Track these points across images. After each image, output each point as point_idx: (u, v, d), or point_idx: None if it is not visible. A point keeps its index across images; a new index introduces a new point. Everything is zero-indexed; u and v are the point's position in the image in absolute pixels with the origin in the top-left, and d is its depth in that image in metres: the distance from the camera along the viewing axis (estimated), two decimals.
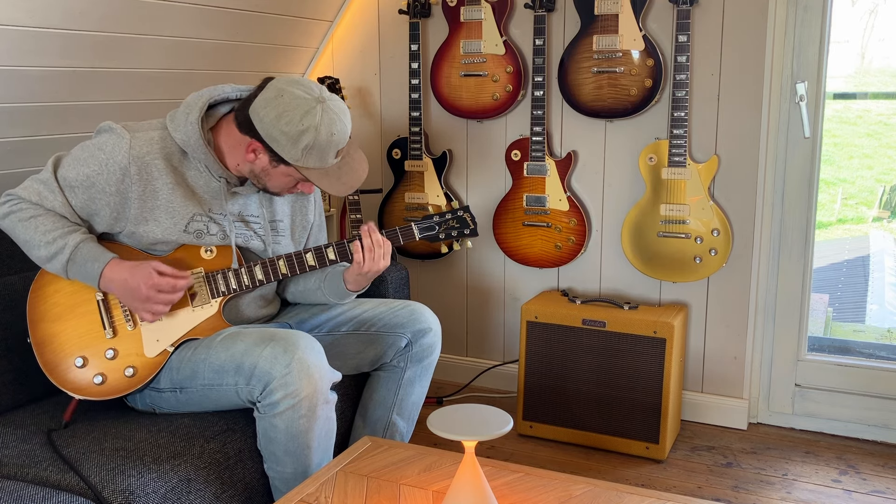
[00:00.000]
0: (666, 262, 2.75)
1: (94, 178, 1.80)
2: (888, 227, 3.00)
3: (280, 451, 1.81)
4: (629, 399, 2.61)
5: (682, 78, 2.60)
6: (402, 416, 2.16)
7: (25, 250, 1.85)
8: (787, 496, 2.39)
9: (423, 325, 2.12)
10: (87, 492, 1.58)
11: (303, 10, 2.94)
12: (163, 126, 1.87)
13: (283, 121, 1.75)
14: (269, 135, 1.77)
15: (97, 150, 1.81)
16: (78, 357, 1.86)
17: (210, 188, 1.89)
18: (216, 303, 1.91)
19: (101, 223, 1.87)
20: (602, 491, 1.61)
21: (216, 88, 1.89)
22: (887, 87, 2.77)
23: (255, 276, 1.93)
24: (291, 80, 1.80)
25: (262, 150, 1.82)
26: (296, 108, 1.75)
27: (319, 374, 1.78)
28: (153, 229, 1.85)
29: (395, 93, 3.18)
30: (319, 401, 1.79)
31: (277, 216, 2.04)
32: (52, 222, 1.82)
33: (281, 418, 1.77)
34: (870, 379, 2.71)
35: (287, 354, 1.75)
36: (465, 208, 2.07)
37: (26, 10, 2.00)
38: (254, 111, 1.78)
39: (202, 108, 1.83)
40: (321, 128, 1.76)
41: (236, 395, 1.82)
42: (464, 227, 2.07)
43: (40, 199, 1.82)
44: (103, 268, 1.81)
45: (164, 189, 1.84)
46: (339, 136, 1.80)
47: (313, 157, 1.80)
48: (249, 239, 1.96)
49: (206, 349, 1.86)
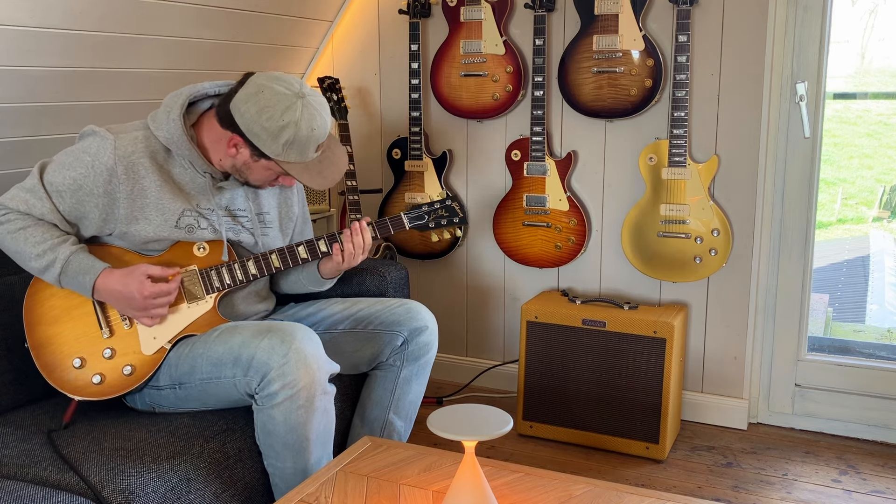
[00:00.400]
0: (666, 262, 2.75)
1: (82, 181, 1.81)
2: (888, 227, 3.00)
3: (279, 444, 1.81)
4: (629, 399, 2.61)
5: (682, 78, 2.60)
6: (400, 415, 2.16)
7: (18, 262, 1.87)
8: (787, 496, 2.39)
9: (419, 324, 2.12)
10: (86, 492, 1.58)
11: (303, 10, 2.94)
12: (145, 126, 1.89)
13: (263, 116, 1.77)
14: (249, 130, 1.80)
15: (82, 154, 1.82)
16: (76, 358, 1.87)
17: (196, 184, 1.91)
18: (211, 298, 1.92)
19: (90, 227, 1.88)
20: (602, 491, 1.61)
21: (195, 86, 1.91)
22: (887, 87, 2.77)
23: (248, 271, 1.95)
24: (271, 75, 1.82)
25: (243, 145, 1.84)
26: (276, 103, 1.77)
27: (317, 364, 1.79)
28: (144, 227, 1.86)
29: (395, 93, 3.18)
30: (317, 391, 1.79)
31: (264, 209, 2.06)
32: (41, 233, 1.83)
33: (279, 409, 1.77)
34: (870, 379, 2.71)
35: (284, 345, 1.76)
36: (452, 197, 2.11)
37: (26, 9, 2.00)
38: (234, 106, 1.80)
39: (182, 104, 1.85)
40: (301, 123, 1.79)
41: (234, 387, 1.83)
42: (453, 215, 2.10)
43: (28, 207, 1.83)
44: (95, 280, 1.82)
45: (152, 187, 1.85)
46: (320, 131, 1.82)
47: (294, 152, 1.82)
48: (239, 232, 1.99)
49: (203, 344, 1.87)
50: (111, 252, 1.91)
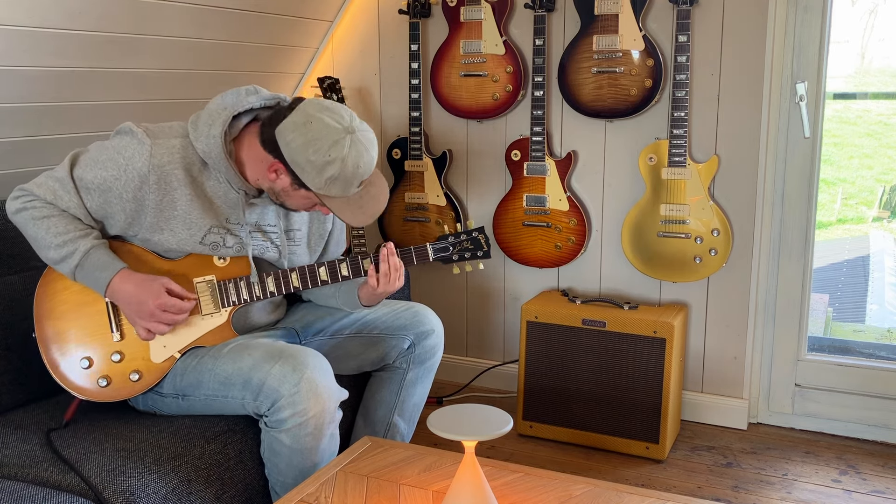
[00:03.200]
0: (666, 262, 2.75)
1: (112, 183, 1.77)
2: (888, 227, 3.00)
3: (283, 463, 1.81)
4: (629, 399, 2.61)
5: (682, 78, 2.60)
6: (404, 417, 2.16)
7: (35, 248, 1.82)
8: (787, 496, 2.39)
9: (426, 327, 2.12)
10: (87, 492, 1.58)
11: (303, 10, 2.94)
12: (184, 133, 1.83)
13: (310, 149, 1.71)
14: (293, 160, 1.74)
15: (116, 154, 1.77)
16: (83, 358, 1.85)
17: (228, 199, 1.86)
18: (226, 312, 1.89)
19: (115, 226, 1.84)
20: (602, 491, 1.61)
21: (239, 98, 1.84)
22: (887, 87, 2.77)
23: (266, 288, 1.91)
24: (322, 104, 1.76)
25: (284, 172, 1.78)
26: (325, 137, 1.71)
27: (328, 394, 1.78)
28: (168, 238, 1.83)
29: (395, 93, 3.17)
30: (326, 420, 1.79)
31: (295, 225, 2.01)
32: (65, 224, 1.79)
33: (287, 434, 1.77)
34: (870, 379, 2.71)
35: (296, 374, 1.74)
36: (479, 229, 2.03)
37: (25, 9, 2.00)
38: (280, 133, 1.74)
39: (225, 121, 1.78)
40: (348, 160, 1.73)
41: (242, 407, 1.82)
42: (478, 248, 2.03)
43: (55, 198, 1.79)
44: (112, 277, 1.78)
45: (182, 199, 1.81)
46: (365, 168, 1.77)
47: (336, 187, 1.76)
48: (266, 250, 1.94)
49: (212, 359, 1.84)
50: (131, 250, 1.87)
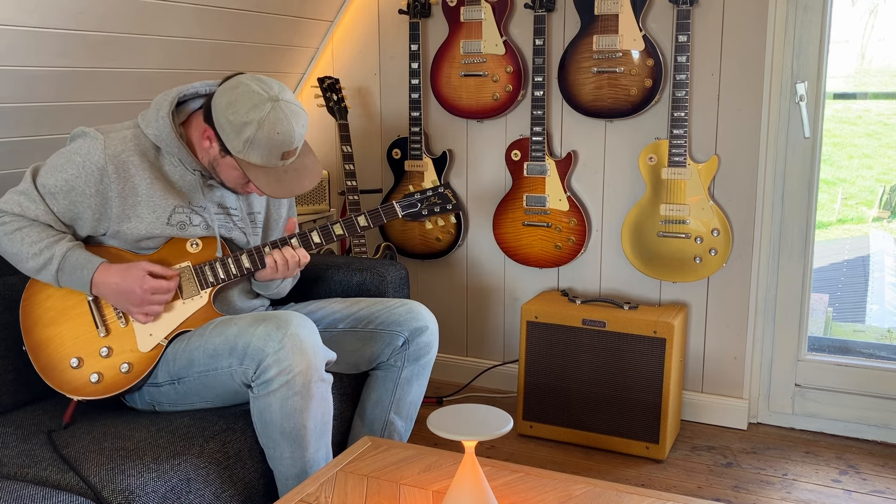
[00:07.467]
0: (666, 262, 2.75)
1: (74, 182, 1.83)
2: (888, 227, 3.00)
3: (276, 433, 1.80)
4: (629, 399, 2.61)
5: (682, 78, 2.60)
6: (400, 415, 2.16)
7: (14, 263, 1.87)
8: (787, 496, 2.39)
9: (420, 324, 2.12)
10: (87, 492, 1.58)
11: (303, 10, 2.94)
12: (135, 125, 1.91)
13: (230, 109, 1.79)
14: (218, 122, 1.82)
15: (73, 155, 1.84)
16: (73, 358, 1.87)
17: (186, 181, 1.92)
18: (206, 294, 1.93)
19: (85, 227, 1.89)
20: (602, 491, 1.61)
21: (186, 86, 1.93)
22: (887, 87, 2.77)
23: (242, 265, 1.95)
24: (257, 76, 1.84)
25: (214, 138, 1.85)
26: (246, 100, 1.79)
27: (313, 349, 1.79)
28: (137, 225, 1.87)
29: (395, 93, 3.18)
30: (314, 377, 1.79)
31: (255, 209, 2.07)
32: (38, 233, 1.84)
33: (275, 396, 1.77)
34: (870, 379, 2.71)
35: (279, 331, 1.76)
36: (445, 184, 2.11)
37: (26, 9, 2.00)
38: (213, 100, 1.83)
39: (172, 102, 1.87)
40: (265, 124, 1.78)
41: (231, 377, 1.83)
42: (445, 202, 2.08)
43: (22, 209, 1.85)
44: (93, 274, 1.83)
45: (142, 184, 1.86)
46: (284, 137, 1.81)
47: (255, 153, 1.81)
48: (231, 230, 2.00)
49: (200, 337, 1.87)
50: (108, 251, 1.92)
